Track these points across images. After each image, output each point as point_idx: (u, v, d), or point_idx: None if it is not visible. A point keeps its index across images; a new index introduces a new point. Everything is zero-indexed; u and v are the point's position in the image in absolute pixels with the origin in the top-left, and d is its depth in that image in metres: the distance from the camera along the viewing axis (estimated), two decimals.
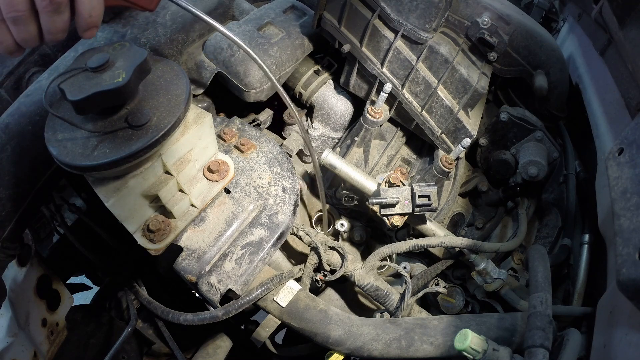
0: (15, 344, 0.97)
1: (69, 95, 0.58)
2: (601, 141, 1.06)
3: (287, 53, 1.11)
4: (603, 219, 0.94)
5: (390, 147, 1.23)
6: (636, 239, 0.63)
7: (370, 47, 1.08)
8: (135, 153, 0.62)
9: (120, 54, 0.63)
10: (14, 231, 0.90)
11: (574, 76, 1.33)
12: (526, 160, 1.13)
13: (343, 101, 1.22)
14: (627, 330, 0.68)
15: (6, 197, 0.85)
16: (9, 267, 1.00)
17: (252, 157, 0.96)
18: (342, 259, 1.00)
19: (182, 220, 0.81)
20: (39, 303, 1.10)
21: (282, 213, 0.89)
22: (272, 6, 1.19)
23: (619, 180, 0.71)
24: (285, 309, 0.91)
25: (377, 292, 1.01)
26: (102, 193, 0.67)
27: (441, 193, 1.21)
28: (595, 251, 1.05)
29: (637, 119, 0.75)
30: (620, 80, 1.04)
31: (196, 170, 0.80)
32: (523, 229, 1.12)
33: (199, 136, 0.75)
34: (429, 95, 1.08)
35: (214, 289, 0.80)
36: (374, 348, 0.87)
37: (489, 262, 1.02)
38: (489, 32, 1.08)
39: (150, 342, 1.30)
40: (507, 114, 1.19)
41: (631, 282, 0.61)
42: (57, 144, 0.63)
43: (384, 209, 1.00)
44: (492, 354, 0.75)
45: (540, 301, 0.81)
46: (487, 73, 1.15)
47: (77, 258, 1.35)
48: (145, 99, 0.67)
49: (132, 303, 1.20)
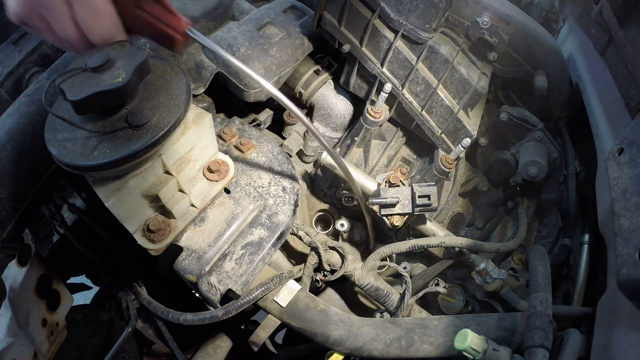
0: (15, 344, 0.97)
1: (69, 95, 0.58)
2: (601, 141, 1.05)
3: (287, 53, 1.11)
4: (603, 219, 0.94)
5: (390, 147, 1.23)
6: (636, 239, 0.63)
7: (370, 47, 1.08)
8: (135, 153, 0.62)
9: (120, 54, 0.63)
10: (14, 231, 0.90)
11: (574, 76, 1.33)
12: (526, 160, 1.13)
13: (343, 101, 1.22)
14: (627, 330, 0.68)
15: (6, 197, 0.85)
16: (9, 267, 1.00)
17: (252, 157, 0.96)
18: (342, 259, 1.00)
19: (182, 220, 0.81)
20: (39, 303, 1.10)
21: (282, 213, 0.89)
22: (272, 6, 1.19)
23: (619, 180, 0.71)
24: (285, 309, 0.91)
25: (377, 292, 1.01)
26: (102, 193, 0.67)
27: (441, 193, 1.21)
28: (595, 251, 1.05)
29: (637, 119, 0.75)
30: (620, 80, 1.04)
31: (196, 170, 0.80)
32: (523, 229, 1.12)
33: (199, 136, 0.75)
34: (429, 95, 1.08)
35: (214, 289, 0.80)
36: (374, 348, 0.87)
37: (489, 262, 1.01)
38: (489, 32, 1.08)
39: (150, 342, 1.30)
40: (507, 114, 1.19)
41: (631, 282, 0.61)
42: (57, 144, 0.62)
43: (384, 209, 1.00)
44: (492, 354, 0.75)
45: (540, 301, 0.81)
46: (487, 73, 1.15)
47: (77, 258, 1.35)
48: (145, 99, 0.67)
49: (132, 303, 1.20)
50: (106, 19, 0.66)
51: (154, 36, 0.74)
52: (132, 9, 0.69)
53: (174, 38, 0.73)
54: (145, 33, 0.73)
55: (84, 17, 0.64)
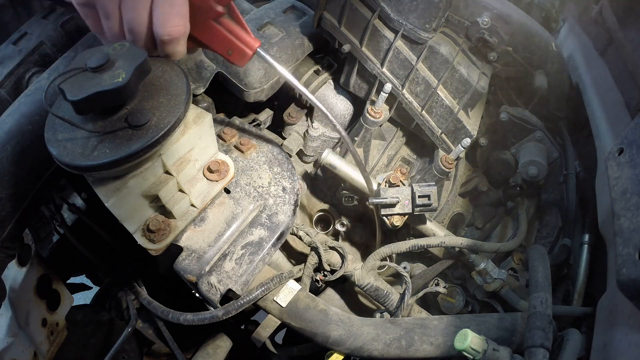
0: (15, 344, 0.97)
1: (69, 95, 0.58)
2: (601, 141, 1.05)
3: (287, 53, 1.11)
4: (603, 219, 0.94)
5: (390, 147, 1.23)
6: (636, 239, 0.63)
7: (370, 47, 1.08)
8: (135, 153, 0.62)
9: (120, 54, 0.63)
10: (14, 231, 0.90)
11: (574, 76, 1.33)
12: (526, 160, 1.13)
13: (343, 101, 1.22)
14: (627, 330, 0.68)
15: (6, 197, 0.85)
16: (9, 267, 1.00)
17: (252, 157, 0.96)
18: (342, 259, 1.00)
19: (182, 220, 0.81)
20: (39, 303, 1.10)
21: (282, 213, 0.89)
22: (272, 6, 1.19)
23: (619, 180, 0.71)
24: (285, 309, 0.91)
25: (377, 292, 1.01)
26: (102, 193, 0.67)
27: (441, 193, 1.21)
28: (595, 251, 1.05)
29: (637, 119, 0.75)
30: (620, 80, 1.04)
31: (196, 170, 0.80)
32: (523, 229, 1.12)
33: (199, 136, 0.75)
34: (429, 95, 1.08)
35: (214, 289, 0.80)
36: (374, 348, 0.87)
37: (489, 262, 1.01)
38: (489, 32, 1.08)
39: (150, 342, 1.30)
40: (507, 114, 1.19)
41: (631, 282, 0.61)
42: (57, 144, 0.63)
43: (384, 209, 1.00)
44: (492, 354, 0.75)
45: (540, 301, 0.81)
46: (487, 73, 1.15)
47: (77, 258, 1.35)
48: (145, 99, 0.67)
49: (132, 303, 1.20)
50: (180, 18, 0.66)
51: (223, 49, 0.76)
52: (208, 21, 0.72)
53: (245, 54, 0.76)
54: (214, 46, 0.75)
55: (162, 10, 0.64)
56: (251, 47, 0.76)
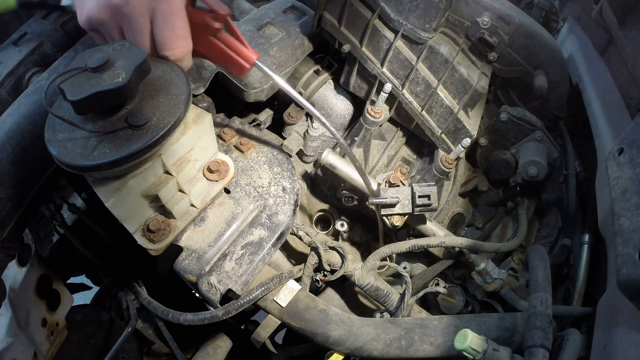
0: (15, 344, 0.97)
1: (68, 95, 0.58)
2: (601, 141, 1.05)
3: (287, 53, 1.11)
4: (603, 219, 0.94)
5: (390, 147, 1.23)
6: (636, 239, 0.63)
7: (370, 47, 1.08)
8: (135, 153, 0.62)
9: (120, 54, 0.63)
10: (14, 231, 0.90)
11: (574, 76, 1.33)
12: (526, 160, 1.13)
13: (343, 101, 1.22)
14: (627, 330, 0.68)
15: (6, 197, 0.85)
16: (9, 267, 1.00)
17: (252, 157, 0.96)
18: (342, 259, 1.00)
19: (182, 220, 0.81)
20: (39, 303, 1.10)
21: (282, 213, 0.89)
22: (272, 6, 1.19)
23: (619, 180, 0.71)
24: (285, 309, 0.91)
25: (377, 292, 1.01)
26: (102, 193, 0.67)
27: (441, 193, 1.21)
28: (595, 251, 1.05)
29: (637, 119, 0.75)
30: (620, 80, 1.04)
31: (196, 170, 0.80)
32: (523, 229, 1.12)
33: (199, 136, 0.75)
34: (429, 95, 1.08)
35: (214, 289, 0.80)
36: (374, 348, 0.87)
37: (489, 262, 1.01)
38: (489, 32, 1.08)
39: (150, 342, 1.30)
40: (507, 114, 1.19)
41: (631, 282, 0.61)
42: (57, 144, 0.62)
43: (384, 209, 1.00)
44: (492, 354, 0.75)
45: (540, 301, 0.81)
46: (487, 73, 1.15)
47: (77, 258, 1.35)
48: (145, 99, 0.67)
49: (132, 303, 1.20)
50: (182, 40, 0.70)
51: (223, 62, 0.80)
52: (207, 37, 0.76)
53: (243, 68, 0.80)
54: (213, 58, 0.80)
55: (164, 35, 0.68)
56: (249, 60, 0.79)
